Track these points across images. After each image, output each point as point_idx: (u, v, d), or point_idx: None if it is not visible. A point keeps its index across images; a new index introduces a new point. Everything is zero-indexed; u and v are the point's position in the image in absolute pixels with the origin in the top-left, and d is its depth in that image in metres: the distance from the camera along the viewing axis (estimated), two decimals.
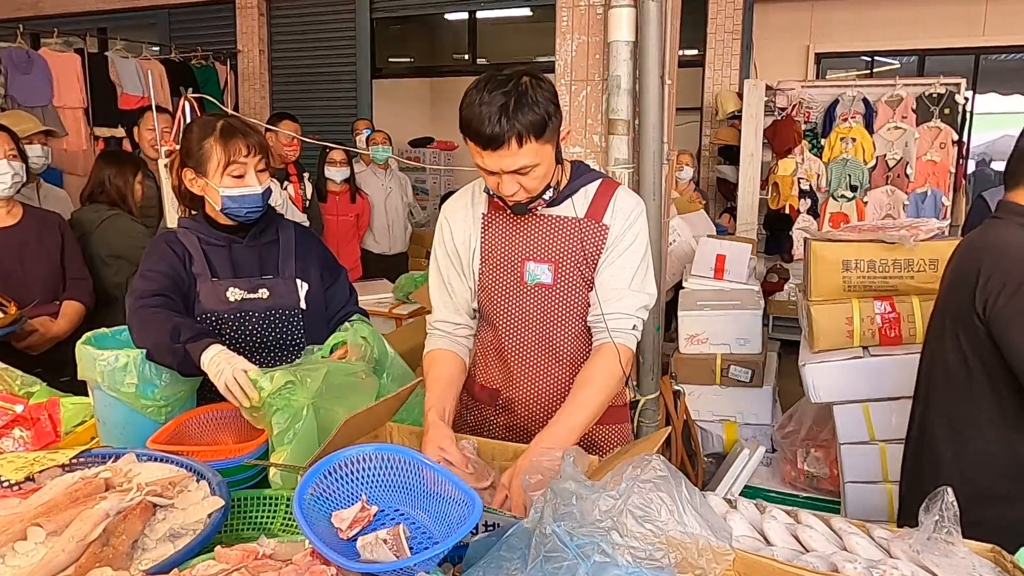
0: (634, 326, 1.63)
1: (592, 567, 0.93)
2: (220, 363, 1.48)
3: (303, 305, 1.85)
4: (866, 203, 5.69)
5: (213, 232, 1.83)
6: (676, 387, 3.16)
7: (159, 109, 3.71)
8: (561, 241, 1.65)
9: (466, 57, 7.53)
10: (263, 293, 1.81)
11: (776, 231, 5.94)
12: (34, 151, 3.35)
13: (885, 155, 5.64)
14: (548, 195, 1.58)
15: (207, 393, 1.61)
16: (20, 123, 3.51)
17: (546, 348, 1.71)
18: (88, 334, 1.69)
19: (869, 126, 5.63)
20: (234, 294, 1.79)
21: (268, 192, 1.82)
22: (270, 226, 1.90)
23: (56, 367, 2.32)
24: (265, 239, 1.88)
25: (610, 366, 1.59)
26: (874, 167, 5.66)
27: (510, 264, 1.68)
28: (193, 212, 1.89)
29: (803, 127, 5.83)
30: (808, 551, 1.23)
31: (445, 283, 1.76)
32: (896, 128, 5.56)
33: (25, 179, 2.70)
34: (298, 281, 1.86)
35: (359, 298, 2.04)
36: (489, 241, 1.70)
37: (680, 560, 0.98)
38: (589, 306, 1.67)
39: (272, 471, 1.43)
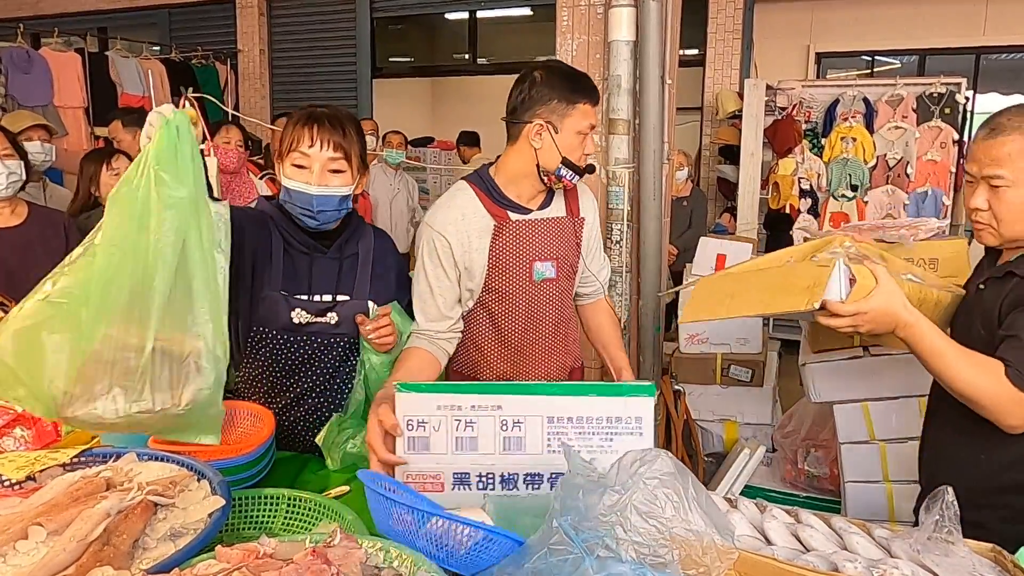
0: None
1: (595, 562, 0.93)
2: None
3: None
4: (866, 203, 5.68)
5: (299, 234, 1.69)
6: (676, 387, 3.16)
7: (131, 111, 3.68)
8: (559, 239, 1.88)
9: (466, 57, 7.53)
10: (331, 318, 1.69)
11: (776, 231, 5.93)
12: (33, 147, 3.30)
13: (885, 155, 5.63)
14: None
15: None
16: (16, 121, 3.49)
17: (559, 333, 1.94)
18: None
19: (869, 126, 5.63)
20: (299, 316, 1.67)
21: (336, 200, 1.63)
22: (353, 237, 1.76)
23: None
24: (347, 252, 1.75)
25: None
26: (874, 167, 5.66)
27: (520, 267, 1.83)
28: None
29: (803, 127, 5.82)
30: (809, 550, 1.23)
31: (434, 294, 1.77)
32: (896, 128, 5.55)
33: (25, 177, 2.64)
34: (371, 304, 1.72)
35: None
36: (498, 249, 1.81)
37: (684, 557, 0.98)
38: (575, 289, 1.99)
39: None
